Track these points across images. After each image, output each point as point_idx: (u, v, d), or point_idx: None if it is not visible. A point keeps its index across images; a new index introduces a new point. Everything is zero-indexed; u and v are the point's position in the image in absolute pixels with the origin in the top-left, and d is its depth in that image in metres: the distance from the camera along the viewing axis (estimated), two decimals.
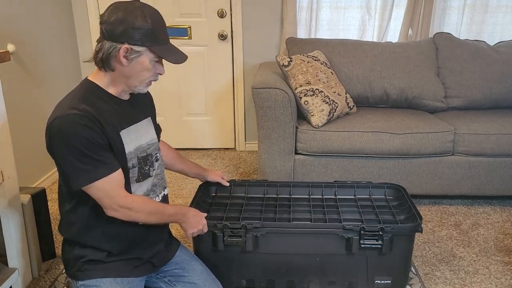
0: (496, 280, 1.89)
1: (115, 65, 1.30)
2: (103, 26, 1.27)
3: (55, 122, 1.24)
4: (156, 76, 1.37)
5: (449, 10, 3.15)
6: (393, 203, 1.86)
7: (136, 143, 1.40)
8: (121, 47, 1.26)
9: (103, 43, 1.28)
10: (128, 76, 1.32)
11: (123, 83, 1.34)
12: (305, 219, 1.74)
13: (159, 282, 1.53)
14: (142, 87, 1.37)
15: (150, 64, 1.31)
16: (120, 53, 1.26)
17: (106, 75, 1.33)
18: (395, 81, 2.77)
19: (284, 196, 1.93)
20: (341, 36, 3.21)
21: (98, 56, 1.29)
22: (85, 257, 1.39)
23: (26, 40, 2.63)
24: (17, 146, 2.47)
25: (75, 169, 1.25)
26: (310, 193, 1.94)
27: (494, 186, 2.48)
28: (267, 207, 1.84)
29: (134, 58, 1.28)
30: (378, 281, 1.68)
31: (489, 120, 2.54)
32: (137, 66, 1.30)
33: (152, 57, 1.30)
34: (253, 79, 2.57)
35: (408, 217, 1.74)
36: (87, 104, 1.27)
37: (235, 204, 1.86)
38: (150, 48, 1.28)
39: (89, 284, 1.38)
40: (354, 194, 1.93)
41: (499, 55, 2.82)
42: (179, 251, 1.60)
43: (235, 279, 1.69)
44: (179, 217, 1.47)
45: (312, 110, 2.43)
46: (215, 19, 3.20)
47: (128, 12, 1.25)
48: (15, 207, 1.72)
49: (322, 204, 1.87)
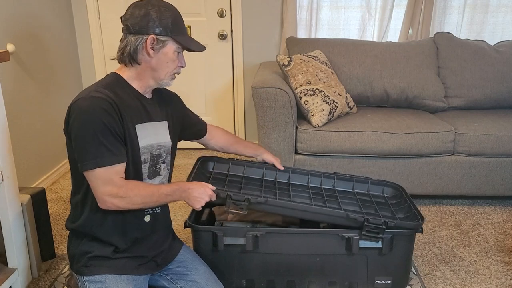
0: (497, 280, 1.89)
1: (141, 58, 1.36)
2: (128, 22, 1.35)
3: (78, 102, 1.29)
4: (179, 69, 1.43)
5: (450, 9, 3.15)
6: (391, 201, 1.85)
7: (150, 140, 1.42)
8: (147, 37, 1.33)
9: (128, 38, 1.35)
10: (154, 68, 1.37)
11: (149, 77, 1.40)
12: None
13: (162, 280, 1.54)
14: (167, 80, 1.42)
15: (174, 55, 1.38)
16: (147, 44, 1.33)
17: (131, 69, 1.39)
18: (395, 81, 2.77)
19: (283, 181, 1.89)
20: (341, 36, 3.21)
21: (126, 51, 1.36)
22: (92, 253, 1.40)
23: (26, 40, 2.63)
24: (16, 146, 2.47)
25: (86, 151, 1.28)
26: (309, 181, 1.91)
27: (494, 186, 2.48)
28: (266, 188, 1.79)
29: (160, 49, 1.35)
30: (378, 281, 1.67)
31: (490, 120, 2.54)
32: (163, 57, 1.36)
33: (176, 48, 1.38)
34: (253, 79, 2.57)
35: (407, 216, 1.74)
36: (110, 91, 1.33)
37: (234, 181, 1.81)
38: (174, 38, 1.36)
39: (94, 280, 1.38)
40: (353, 188, 1.91)
41: (499, 55, 2.82)
42: (182, 250, 1.61)
43: (235, 279, 1.69)
44: (179, 193, 1.41)
45: (312, 110, 2.43)
46: (215, 18, 3.19)
47: (150, 7, 1.34)
48: (14, 207, 1.72)
49: (321, 193, 1.84)
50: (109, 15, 3.22)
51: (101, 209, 1.36)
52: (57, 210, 2.51)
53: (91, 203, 1.38)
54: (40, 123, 2.78)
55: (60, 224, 2.34)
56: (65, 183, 2.88)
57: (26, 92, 2.64)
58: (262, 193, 1.73)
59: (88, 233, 1.41)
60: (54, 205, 2.56)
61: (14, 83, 2.52)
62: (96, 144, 1.28)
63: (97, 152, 1.28)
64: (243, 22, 3.20)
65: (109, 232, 1.40)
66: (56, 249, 2.09)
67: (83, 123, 1.27)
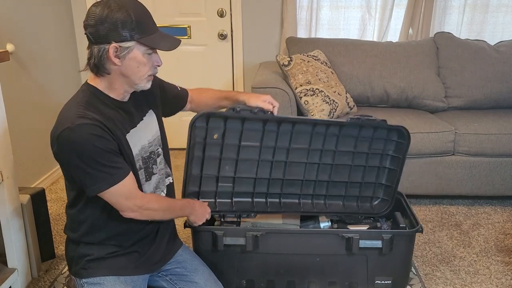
0: (497, 281, 1.88)
1: (110, 67, 1.26)
2: (87, 31, 1.24)
3: (65, 133, 1.20)
4: (155, 69, 1.33)
5: (450, 9, 3.15)
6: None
7: (140, 144, 1.40)
8: (109, 47, 1.22)
9: (92, 49, 1.25)
10: (125, 75, 1.28)
11: (123, 84, 1.30)
12: (294, 201, 1.75)
13: (161, 281, 1.53)
14: (143, 84, 1.32)
15: (144, 58, 1.26)
16: (110, 54, 1.22)
17: (103, 80, 1.30)
18: (395, 81, 2.77)
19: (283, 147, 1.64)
20: (341, 36, 3.21)
21: (91, 63, 1.26)
22: (90, 256, 1.39)
23: (26, 40, 2.62)
24: (16, 146, 2.46)
25: (91, 177, 1.24)
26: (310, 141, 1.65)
27: (494, 186, 2.48)
28: (261, 168, 1.65)
29: (126, 55, 1.23)
30: (378, 282, 1.67)
31: (490, 120, 2.54)
32: (132, 63, 1.25)
33: (144, 50, 1.26)
34: (253, 79, 2.57)
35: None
36: (94, 112, 1.25)
37: (228, 159, 1.63)
38: (139, 41, 1.23)
39: (93, 282, 1.38)
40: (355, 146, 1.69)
41: (499, 55, 2.82)
42: (182, 251, 1.60)
43: (235, 280, 1.69)
44: (188, 210, 1.52)
45: (312, 110, 2.43)
46: (215, 18, 3.19)
47: (107, 9, 1.21)
48: (14, 207, 1.71)
49: (318, 163, 1.68)
50: None
51: (101, 218, 1.36)
52: (57, 210, 2.51)
53: (89, 214, 1.36)
54: (40, 123, 2.78)
55: (60, 224, 2.34)
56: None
57: (26, 92, 2.64)
58: (254, 189, 1.68)
59: (87, 240, 1.40)
60: (54, 205, 2.56)
61: (14, 83, 2.52)
62: (100, 167, 1.23)
63: (102, 174, 1.24)
64: (243, 22, 3.20)
65: (108, 238, 1.40)
66: (56, 249, 2.09)
67: (79, 155, 1.21)
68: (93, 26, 1.22)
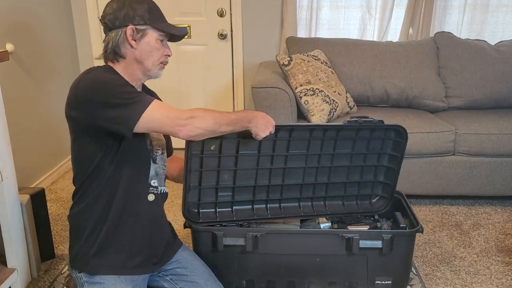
0: (497, 281, 1.88)
1: (125, 51, 1.36)
2: (105, 19, 1.36)
3: (91, 74, 1.29)
4: (166, 58, 1.42)
5: (450, 9, 3.14)
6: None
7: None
8: (126, 29, 1.34)
9: (109, 35, 1.36)
10: (139, 59, 1.37)
11: (137, 70, 1.39)
12: (294, 205, 1.74)
13: (161, 281, 1.53)
14: (156, 70, 1.41)
15: (157, 43, 1.38)
16: (128, 36, 1.34)
17: (119, 66, 1.39)
18: (395, 81, 2.77)
19: (281, 154, 1.63)
20: (342, 36, 3.20)
21: (108, 48, 1.37)
22: (92, 252, 1.39)
23: (26, 40, 2.62)
24: (16, 146, 2.46)
25: (122, 111, 1.25)
26: (308, 146, 1.65)
27: (495, 186, 2.48)
28: (260, 176, 1.65)
29: (141, 38, 1.35)
30: (378, 282, 1.67)
31: (490, 120, 2.53)
32: (146, 47, 1.36)
33: (157, 36, 1.37)
34: (253, 79, 2.57)
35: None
36: None
37: (226, 170, 1.62)
38: (153, 25, 1.36)
39: (93, 281, 1.38)
40: (352, 148, 1.69)
41: (500, 55, 2.82)
42: (182, 251, 1.60)
43: (235, 280, 1.69)
44: (247, 120, 1.42)
45: (312, 109, 2.43)
46: (215, 18, 3.19)
47: (122, 0, 1.35)
48: (14, 207, 1.71)
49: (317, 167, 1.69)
50: None
51: (107, 193, 1.36)
52: (57, 210, 2.51)
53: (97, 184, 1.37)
54: (40, 123, 2.78)
55: (60, 224, 2.34)
56: (65, 183, 2.88)
57: (26, 92, 2.64)
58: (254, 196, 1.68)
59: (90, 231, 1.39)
60: (53, 205, 2.56)
61: (14, 83, 2.51)
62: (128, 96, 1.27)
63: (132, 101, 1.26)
64: (243, 21, 3.20)
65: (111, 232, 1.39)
66: (56, 249, 2.09)
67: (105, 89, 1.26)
68: (111, 14, 1.35)
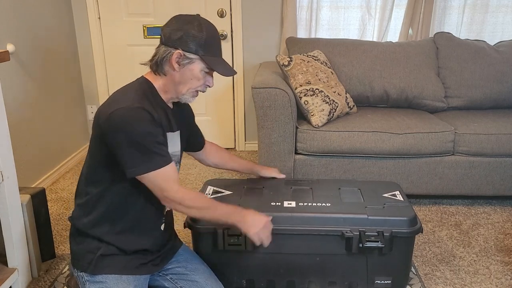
0: (496, 280, 1.89)
1: (167, 69, 1.37)
2: (163, 31, 1.37)
3: (119, 112, 1.27)
4: (205, 88, 1.43)
5: (450, 9, 3.15)
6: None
7: (171, 147, 1.46)
8: (174, 52, 1.33)
9: (159, 48, 1.37)
10: (177, 82, 1.38)
11: (172, 90, 1.40)
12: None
13: (162, 280, 1.54)
14: (188, 96, 1.42)
15: (200, 74, 1.38)
16: (173, 58, 1.34)
17: (159, 79, 1.40)
18: (395, 81, 2.77)
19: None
20: (341, 36, 3.21)
21: (154, 59, 1.38)
22: (93, 251, 1.40)
23: (26, 40, 2.63)
24: (16, 146, 2.47)
25: (134, 158, 1.29)
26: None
27: (494, 186, 2.48)
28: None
29: (186, 65, 1.35)
30: (378, 281, 1.67)
31: (490, 120, 2.54)
32: (188, 73, 1.36)
33: (203, 67, 1.37)
34: (253, 79, 2.57)
35: None
36: (148, 103, 1.34)
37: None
38: (202, 58, 1.35)
39: (95, 280, 1.39)
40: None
41: (499, 55, 2.82)
42: (182, 250, 1.61)
43: (235, 279, 1.69)
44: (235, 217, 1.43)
45: (312, 110, 2.43)
46: (215, 18, 3.19)
47: (187, 22, 1.35)
48: (14, 207, 1.72)
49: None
50: (109, 15, 3.22)
51: (120, 206, 1.38)
52: (57, 210, 2.51)
53: (110, 200, 1.38)
54: (40, 123, 2.78)
55: (60, 224, 2.34)
56: (65, 183, 2.88)
57: (26, 92, 2.64)
58: None
59: (91, 232, 1.40)
60: (54, 205, 2.56)
61: (14, 83, 2.52)
62: (144, 150, 1.29)
63: (144, 157, 1.29)
64: (243, 22, 3.20)
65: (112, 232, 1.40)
66: (56, 249, 2.09)
67: (128, 134, 1.27)
68: (169, 30, 1.35)
